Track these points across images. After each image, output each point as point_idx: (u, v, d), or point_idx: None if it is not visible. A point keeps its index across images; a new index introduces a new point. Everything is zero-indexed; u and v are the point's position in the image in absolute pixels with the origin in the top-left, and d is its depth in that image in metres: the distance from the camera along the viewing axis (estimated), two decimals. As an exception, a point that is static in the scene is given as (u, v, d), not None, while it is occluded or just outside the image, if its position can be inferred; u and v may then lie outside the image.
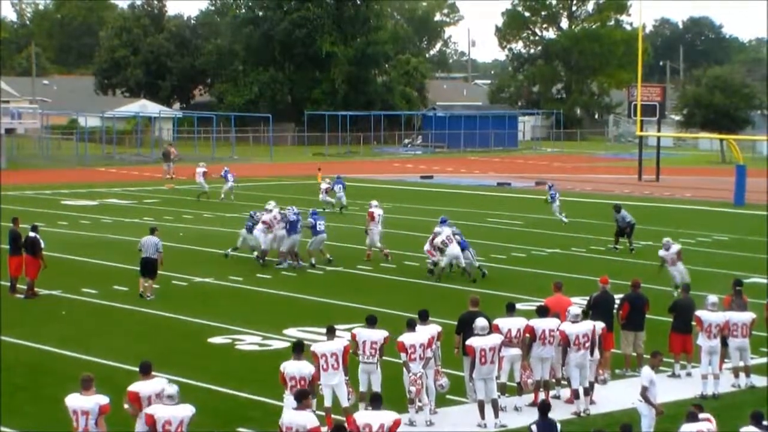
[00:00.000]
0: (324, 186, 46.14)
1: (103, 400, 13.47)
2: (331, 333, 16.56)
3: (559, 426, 13.91)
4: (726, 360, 19.44)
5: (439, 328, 17.63)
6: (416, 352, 16.72)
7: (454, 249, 28.77)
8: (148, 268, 26.63)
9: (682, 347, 19.94)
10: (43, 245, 26.88)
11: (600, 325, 18.28)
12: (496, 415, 16.87)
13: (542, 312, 18.24)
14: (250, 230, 31.42)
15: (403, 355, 16.80)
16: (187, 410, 13.41)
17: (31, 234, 26.82)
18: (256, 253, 31.30)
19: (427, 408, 16.92)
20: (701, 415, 13.89)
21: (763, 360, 20.96)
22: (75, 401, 13.48)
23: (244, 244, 31.74)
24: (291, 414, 13.52)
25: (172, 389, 13.56)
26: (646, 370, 15.95)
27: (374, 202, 33.83)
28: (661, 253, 27.18)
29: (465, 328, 17.69)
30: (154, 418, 13.32)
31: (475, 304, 18.31)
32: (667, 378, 19.55)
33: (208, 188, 49.19)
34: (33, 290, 26.51)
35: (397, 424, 13.32)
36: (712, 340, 18.93)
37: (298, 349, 15.51)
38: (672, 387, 18.88)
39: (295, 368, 15.27)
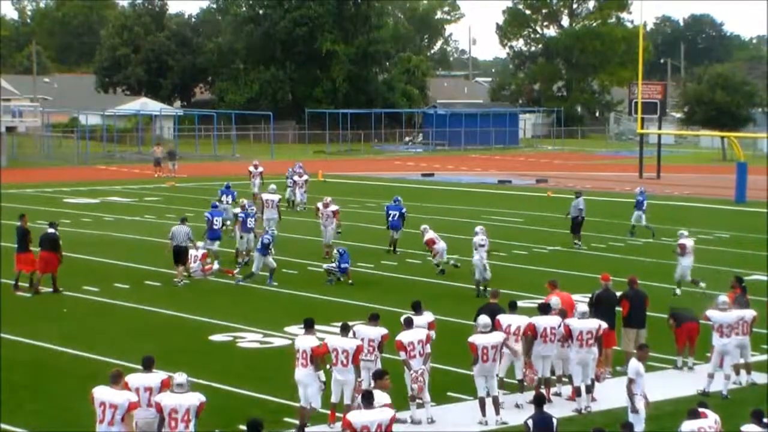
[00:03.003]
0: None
1: (133, 397, 13.50)
2: (345, 330, 16.63)
3: (555, 419, 13.90)
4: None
5: (432, 317, 17.91)
6: (415, 349, 16.74)
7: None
8: (180, 255, 27.64)
9: (687, 336, 19.98)
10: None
11: (604, 325, 18.24)
12: (497, 412, 16.89)
13: (544, 309, 18.25)
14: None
15: (402, 353, 16.82)
16: (194, 399, 13.44)
17: (51, 230, 26.96)
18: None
19: (429, 405, 16.93)
20: (701, 410, 13.88)
21: (764, 357, 20.96)
22: (104, 394, 13.41)
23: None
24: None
25: (181, 378, 13.58)
26: (634, 363, 15.91)
27: (328, 199, 33.14)
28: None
29: None
30: (161, 405, 13.35)
31: (494, 296, 18.98)
32: (674, 371, 19.77)
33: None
34: (55, 285, 26.60)
35: (393, 420, 13.30)
36: (725, 338, 18.85)
37: (308, 324, 16.47)
38: (673, 383, 18.90)
39: (300, 342, 16.25)
